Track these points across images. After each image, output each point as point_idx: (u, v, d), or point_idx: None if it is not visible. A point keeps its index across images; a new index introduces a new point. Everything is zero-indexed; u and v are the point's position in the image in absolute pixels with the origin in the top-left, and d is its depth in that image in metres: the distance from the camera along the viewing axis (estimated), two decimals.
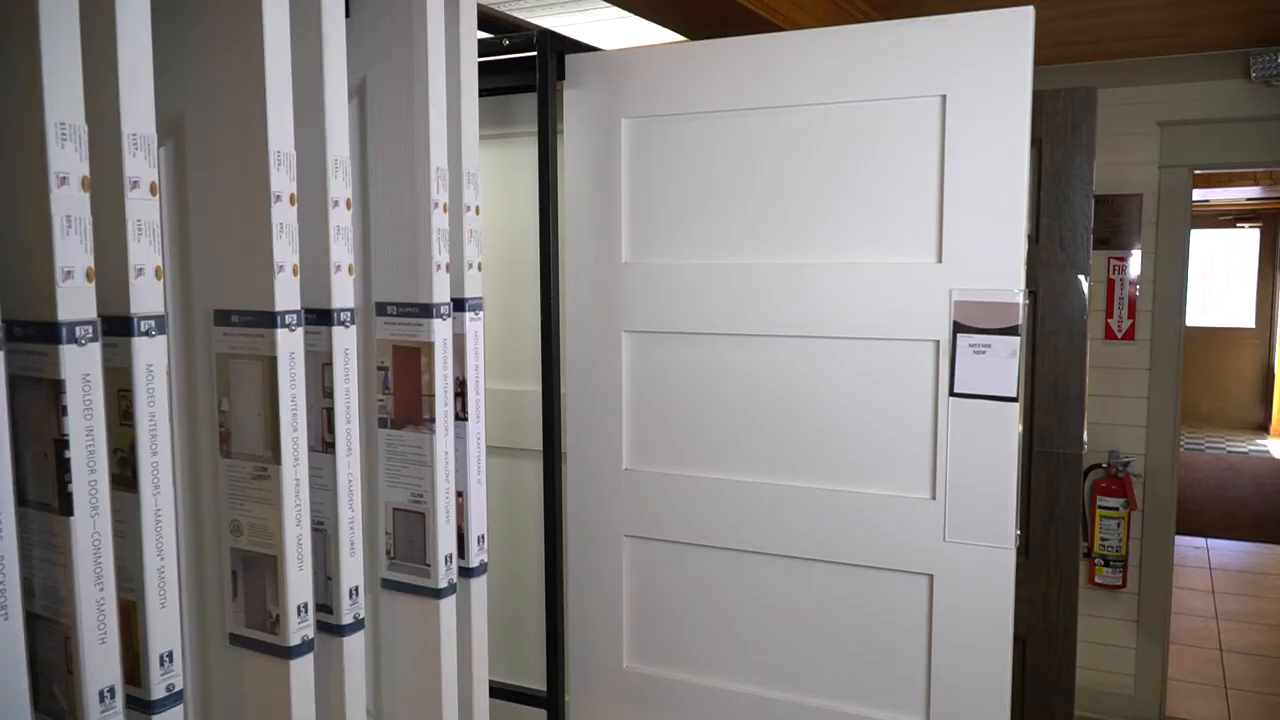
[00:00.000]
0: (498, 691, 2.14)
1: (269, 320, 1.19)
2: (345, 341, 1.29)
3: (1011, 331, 1.62)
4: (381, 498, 1.48)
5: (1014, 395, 1.62)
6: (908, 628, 1.76)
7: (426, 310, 1.41)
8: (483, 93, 2.08)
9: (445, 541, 1.45)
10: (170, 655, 1.11)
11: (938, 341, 1.69)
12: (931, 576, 1.72)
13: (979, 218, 1.64)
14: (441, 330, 1.42)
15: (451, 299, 1.49)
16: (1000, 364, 1.63)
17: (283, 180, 1.18)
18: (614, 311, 1.94)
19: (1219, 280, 9.80)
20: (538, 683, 2.13)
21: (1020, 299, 1.61)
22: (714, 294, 1.85)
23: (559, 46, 1.91)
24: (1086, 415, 2.46)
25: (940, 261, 1.68)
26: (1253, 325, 9.54)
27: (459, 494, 1.52)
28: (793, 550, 1.82)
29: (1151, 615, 3.74)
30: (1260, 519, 6.62)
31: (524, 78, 1.98)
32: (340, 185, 1.27)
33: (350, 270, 1.30)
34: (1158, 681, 3.74)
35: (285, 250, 1.19)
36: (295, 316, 1.21)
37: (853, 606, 1.80)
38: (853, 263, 1.74)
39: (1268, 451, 8.63)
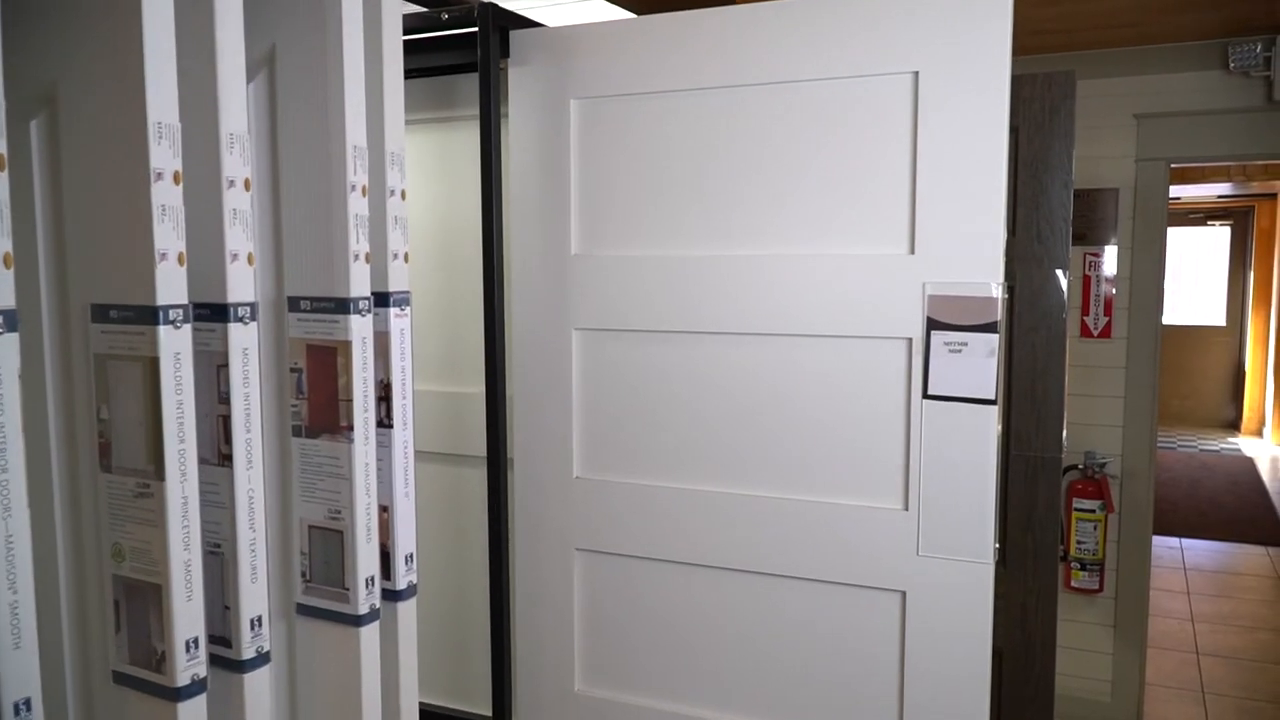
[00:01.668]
0: (440, 718, 1.99)
1: (149, 316, 1.04)
2: (244, 340, 1.14)
3: (989, 328, 1.49)
4: (296, 514, 1.33)
5: (992, 397, 1.49)
6: (879, 648, 1.63)
7: (343, 305, 1.26)
8: (423, 72, 1.93)
9: (366, 562, 1.30)
10: (27, 703, 0.96)
11: (910, 339, 1.56)
12: (904, 593, 1.59)
13: (954, 205, 1.51)
14: (360, 327, 1.27)
15: (374, 293, 1.34)
16: (977, 363, 1.50)
17: (164, 156, 1.03)
18: (563, 308, 1.80)
19: (1190, 278, 9.79)
20: (484, 707, 1.99)
21: (999, 293, 1.49)
22: (670, 288, 1.71)
23: (502, 21, 1.76)
24: (1066, 419, 2.34)
25: (912, 253, 1.55)
26: (1224, 323, 9.53)
27: (383, 509, 1.37)
28: (755, 565, 1.69)
29: (1129, 620, 3.65)
30: (1233, 518, 6.58)
31: (467, 56, 1.83)
32: (236, 163, 1.12)
33: (250, 260, 1.15)
34: (1135, 687, 3.65)
35: (168, 236, 1.04)
36: (181, 312, 1.06)
37: (820, 625, 1.67)
38: (818, 254, 1.61)
39: (1239, 450, 8.61)
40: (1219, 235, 9.59)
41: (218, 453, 1.15)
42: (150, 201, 1.03)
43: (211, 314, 1.13)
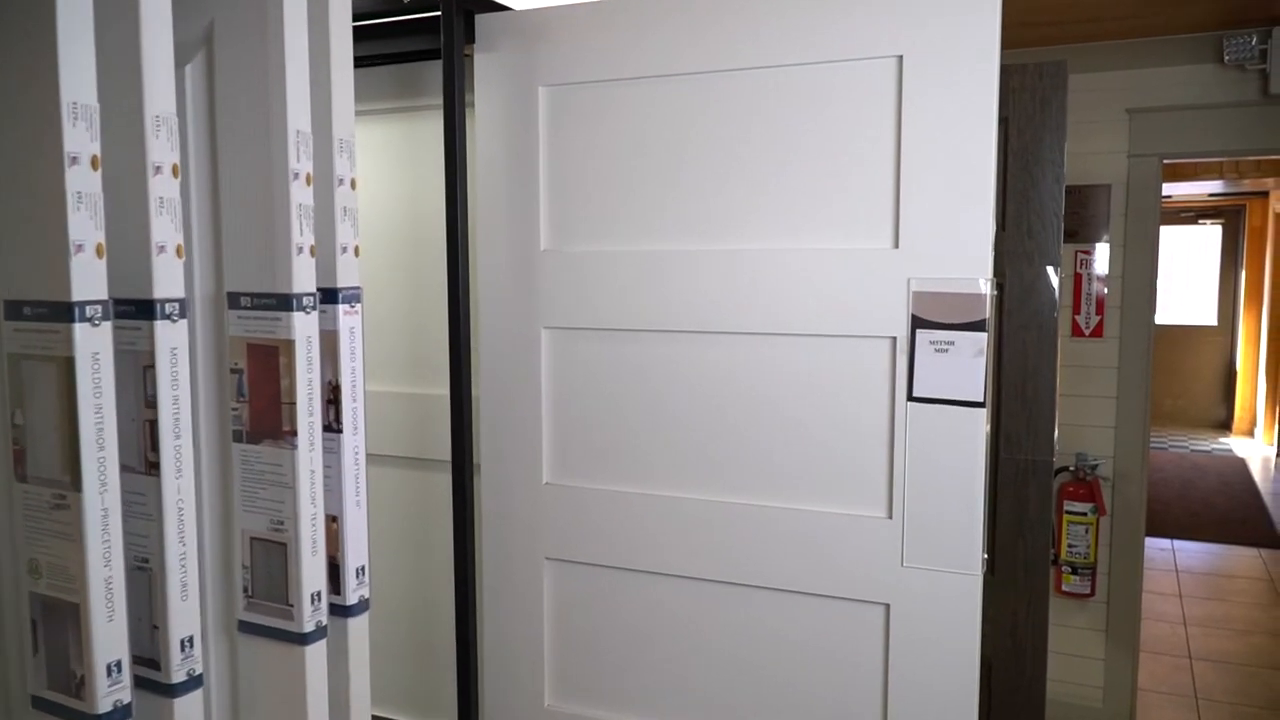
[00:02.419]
0: None
1: (64, 313, 0.96)
2: (172, 339, 1.06)
3: (978, 327, 1.42)
4: (238, 525, 1.25)
5: (981, 400, 1.42)
6: (862, 662, 1.55)
7: (285, 302, 1.17)
8: (386, 59, 1.85)
9: (311, 577, 1.22)
10: None
11: (894, 338, 1.48)
12: (888, 606, 1.51)
13: (940, 197, 1.44)
14: (304, 325, 1.19)
15: (321, 289, 1.26)
16: (965, 364, 1.42)
17: (80, 139, 0.95)
18: (532, 305, 1.71)
19: (1181, 277, 9.74)
20: None
21: (987, 289, 1.41)
22: (643, 285, 1.63)
23: (467, 4, 1.68)
24: (1057, 419, 2.27)
25: (896, 247, 1.47)
26: (1215, 323, 9.49)
27: (332, 519, 1.29)
28: (732, 576, 1.61)
29: (1121, 624, 3.58)
30: (1225, 519, 6.53)
31: (432, 41, 1.75)
32: (163, 148, 1.04)
33: (180, 252, 1.06)
34: (1127, 693, 3.58)
35: (84, 225, 0.96)
36: (100, 308, 0.97)
37: (800, 639, 1.59)
38: (798, 249, 1.53)
39: (1231, 450, 8.56)
40: (1210, 234, 9.54)
41: (144, 460, 1.07)
42: (64, 188, 0.94)
43: (136, 311, 1.05)
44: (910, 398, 1.46)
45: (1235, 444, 8.83)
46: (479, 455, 1.79)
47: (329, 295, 1.26)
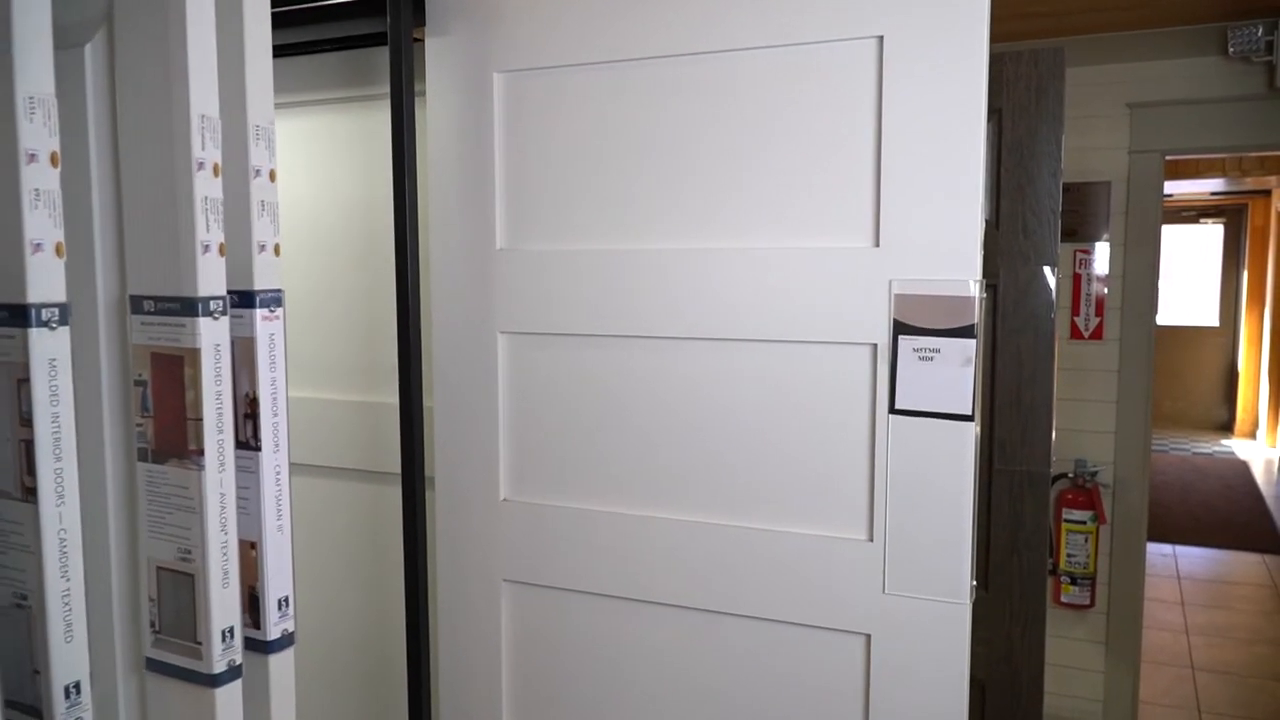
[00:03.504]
0: None
1: None
2: (50, 349, 0.94)
3: (966, 332, 1.29)
4: (144, 552, 1.12)
5: (969, 413, 1.29)
6: (841, 696, 1.43)
7: (190, 306, 1.05)
8: (334, 44, 1.73)
9: (222, 611, 1.10)
10: None
11: (874, 345, 1.36)
12: (868, 636, 1.39)
13: (925, 190, 1.31)
14: (211, 332, 1.06)
15: (235, 291, 1.14)
16: (952, 373, 1.30)
17: None
18: (487, 309, 1.59)
19: (1182, 277, 9.62)
20: None
21: (976, 291, 1.29)
22: (606, 287, 1.51)
23: None
24: (1054, 425, 2.15)
25: (877, 245, 1.35)
26: (1216, 324, 9.36)
27: (250, 545, 1.17)
28: (702, 602, 1.49)
29: (1121, 636, 3.46)
30: (1227, 523, 6.40)
31: (383, 24, 1.63)
32: (38, 134, 0.92)
33: (60, 251, 0.94)
34: (1128, 707, 3.46)
35: None
36: None
37: (774, 670, 1.46)
38: (770, 248, 1.41)
39: (1232, 452, 8.44)
40: (1212, 233, 9.42)
41: (20, 485, 0.94)
42: None
43: (10, 317, 0.93)
44: (892, 410, 1.34)
45: (1237, 446, 8.71)
46: (433, 468, 1.67)
47: (245, 298, 1.13)
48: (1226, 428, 9.34)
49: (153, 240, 1.07)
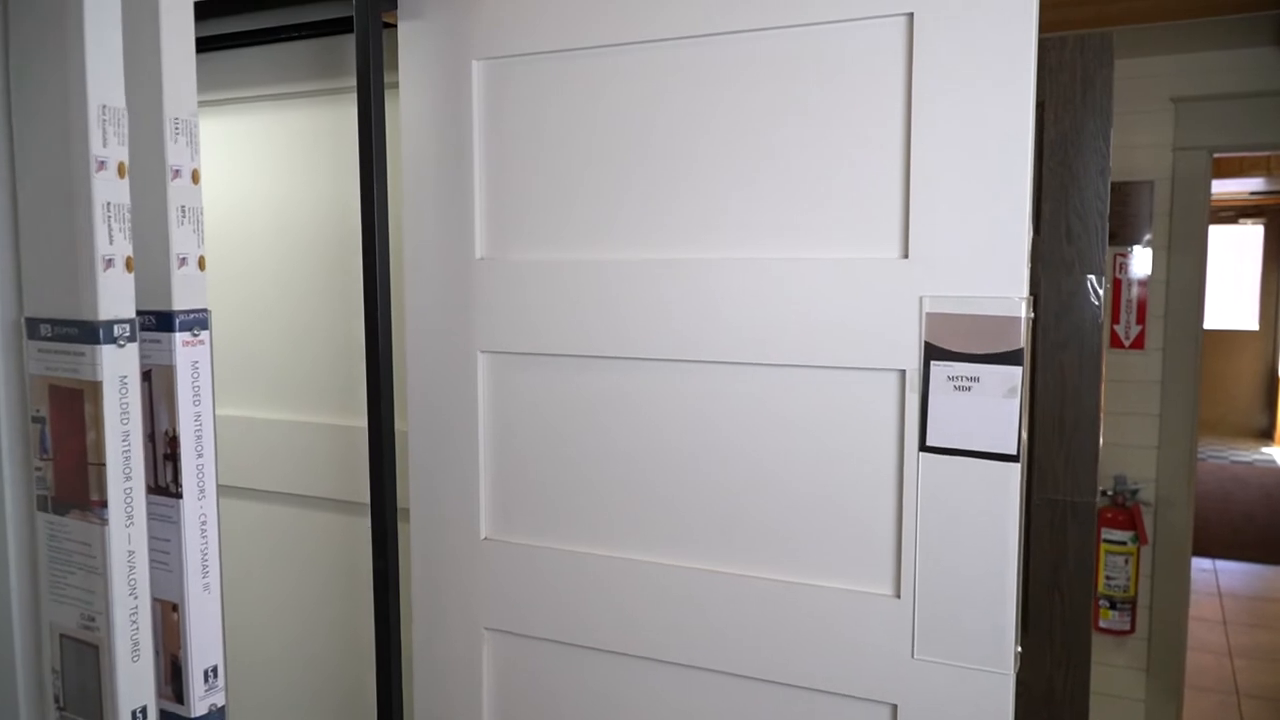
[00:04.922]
0: None
1: None
2: None
3: (1011, 359, 1.11)
4: (46, 617, 0.96)
5: (1014, 452, 1.11)
6: None
7: (89, 331, 0.89)
8: (303, 31, 1.56)
9: (132, 687, 0.93)
10: None
11: (902, 371, 1.18)
12: (895, 707, 1.21)
13: (962, 192, 1.13)
14: (115, 361, 0.90)
15: (150, 312, 0.98)
16: (994, 405, 1.12)
17: None
18: (466, 325, 1.42)
19: (1221, 280, 9.32)
20: None
21: (1024, 311, 1.10)
22: (599, 302, 1.34)
23: None
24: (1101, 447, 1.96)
25: (906, 256, 1.17)
26: (1256, 327, 9.06)
27: (172, 607, 1.00)
28: (704, 660, 1.31)
29: (1163, 663, 3.25)
30: (1269, 537, 6.14)
31: (351, 8, 1.46)
32: None
33: None
34: None
35: None
36: None
37: None
38: (783, 258, 1.23)
39: (1273, 461, 8.15)
40: (1251, 234, 9.12)
41: None
42: None
43: None
44: (923, 447, 1.16)
45: (1278, 454, 8.41)
46: (408, 501, 1.51)
47: (162, 320, 0.97)
48: (1267, 435, 9.04)
49: (49, 254, 0.91)
